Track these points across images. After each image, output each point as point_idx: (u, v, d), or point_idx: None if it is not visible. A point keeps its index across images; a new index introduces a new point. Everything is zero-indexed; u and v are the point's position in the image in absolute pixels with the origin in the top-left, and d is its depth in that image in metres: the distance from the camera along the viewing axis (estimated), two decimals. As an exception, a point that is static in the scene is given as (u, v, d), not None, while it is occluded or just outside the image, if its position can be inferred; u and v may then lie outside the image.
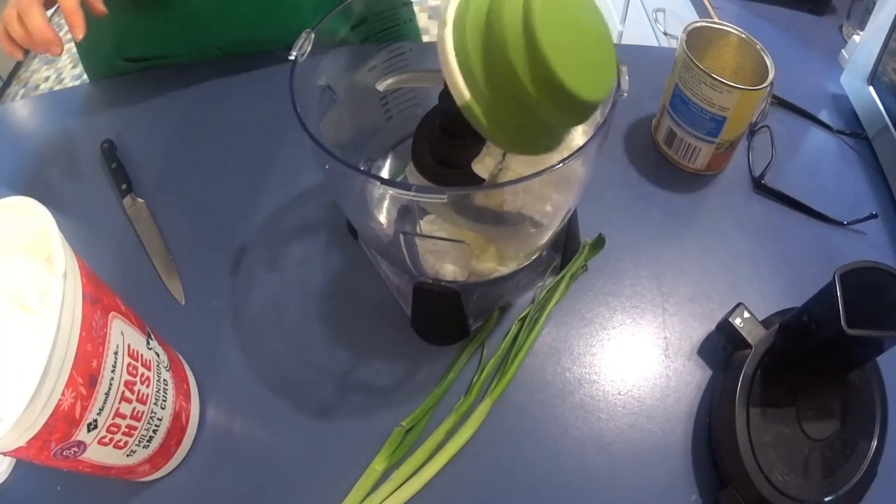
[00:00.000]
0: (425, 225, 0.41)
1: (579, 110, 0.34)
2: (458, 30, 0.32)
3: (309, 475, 0.44)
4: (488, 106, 0.32)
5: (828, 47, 0.78)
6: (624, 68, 0.38)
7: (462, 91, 0.32)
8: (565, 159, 0.35)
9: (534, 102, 0.31)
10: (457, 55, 0.31)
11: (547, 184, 0.37)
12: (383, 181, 0.34)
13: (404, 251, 0.41)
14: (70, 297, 0.32)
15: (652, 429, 0.45)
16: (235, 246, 0.54)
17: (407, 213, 0.40)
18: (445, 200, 0.34)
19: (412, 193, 0.33)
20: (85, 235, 0.56)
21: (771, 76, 0.53)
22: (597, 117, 0.43)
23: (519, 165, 0.41)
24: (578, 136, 0.41)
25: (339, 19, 0.42)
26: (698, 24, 0.56)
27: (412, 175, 0.45)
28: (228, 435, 0.45)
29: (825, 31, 0.83)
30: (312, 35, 0.40)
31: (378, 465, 0.43)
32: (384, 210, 0.39)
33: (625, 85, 0.38)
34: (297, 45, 0.39)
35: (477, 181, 0.43)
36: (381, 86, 0.45)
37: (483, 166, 0.43)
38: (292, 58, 0.39)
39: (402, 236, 0.39)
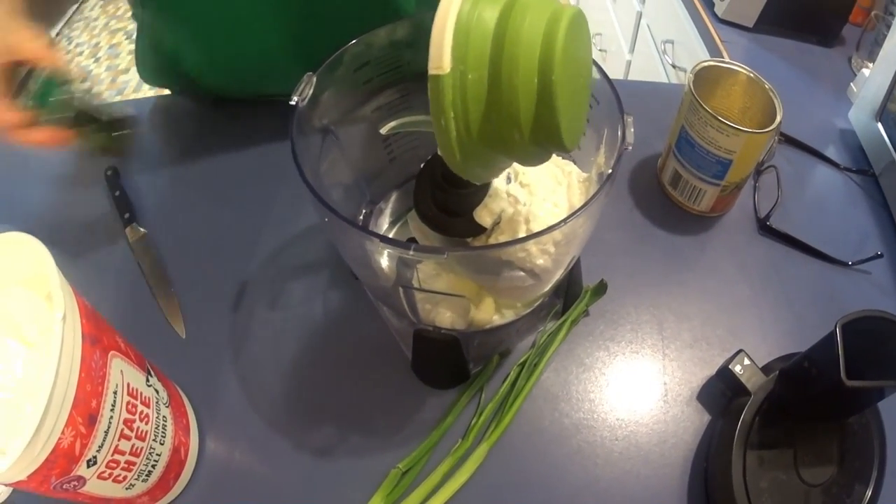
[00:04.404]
0: (423, 268, 0.41)
1: (549, 153, 0.33)
2: (467, 5, 0.27)
3: (304, 513, 0.43)
4: (461, 94, 0.28)
5: (837, 80, 0.77)
6: (630, 119, 0.38)
7: (444, 57, 0.27)
8: (567, 219, 0.34)
9: (515, 128, 0.29)
10: (457, 24, 0.27)
11: (548, 241, 0.36)
12: (384, 239, 0.34)
13: (403, 301, 0.41)
14: (69, 338, 0.32)
15: (648, 474, 0.45)
16: (237, 280, 0.54)
17: (406, 264, 0.39)
18: (445, 259, 0.34)
19: (411, 253, 0.33)
20: (86, 263, 0.56)
21: (779, 118, 0.52)
22: (601, 167, 0.43)
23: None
24: (576, 194, 0.41)
25: (342, 62, 0.42)
26: (706, 64, 0.55)
27: (413, 221, 0.44)
28: (227, 469, 0.45)
29: (834, 64, 0.82)
30: (314, 79, 0.40)
31: (374, 506, 0.42)
32: (384, 258, 0.39)
33: (630, 138, 0.37)
34: (298, 89, 0.39)
35: (479, 229, 0.42)
36: (384, 129, 0.45)
37: (487, 211, 0.42)
38: (293, 102, 0.38)
39: (400, 288, 0.39)
